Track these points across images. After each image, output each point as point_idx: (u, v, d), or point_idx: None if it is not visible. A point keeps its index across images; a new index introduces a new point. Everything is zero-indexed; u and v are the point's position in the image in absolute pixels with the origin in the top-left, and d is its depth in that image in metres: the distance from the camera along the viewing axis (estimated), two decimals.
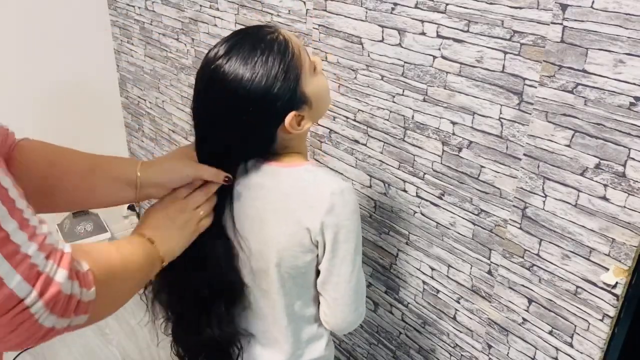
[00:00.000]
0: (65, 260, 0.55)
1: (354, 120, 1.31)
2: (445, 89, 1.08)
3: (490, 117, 1.02)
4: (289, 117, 0.84)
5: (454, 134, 1.09)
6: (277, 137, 0.88)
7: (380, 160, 1.28)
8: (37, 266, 0.52)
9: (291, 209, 0.87)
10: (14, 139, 0.83)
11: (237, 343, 1.01)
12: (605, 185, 0.89)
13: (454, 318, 1.25)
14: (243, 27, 0.90)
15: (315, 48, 1.34)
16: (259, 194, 0.89)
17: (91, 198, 0.88)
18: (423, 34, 1.08)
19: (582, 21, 0.84)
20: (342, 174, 1.40)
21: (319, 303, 0.96)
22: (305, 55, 0.87)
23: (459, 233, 1.16)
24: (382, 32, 1.16)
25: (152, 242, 0.80)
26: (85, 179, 0.85)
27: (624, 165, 0.85)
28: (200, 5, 1.71)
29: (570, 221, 0.95)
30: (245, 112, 0.83)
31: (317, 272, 0.92)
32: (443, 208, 1.17)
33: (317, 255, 0.89)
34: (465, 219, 1.14)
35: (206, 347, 0.99)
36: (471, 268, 1.16)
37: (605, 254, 0.92)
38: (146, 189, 0.87)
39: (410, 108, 1.16)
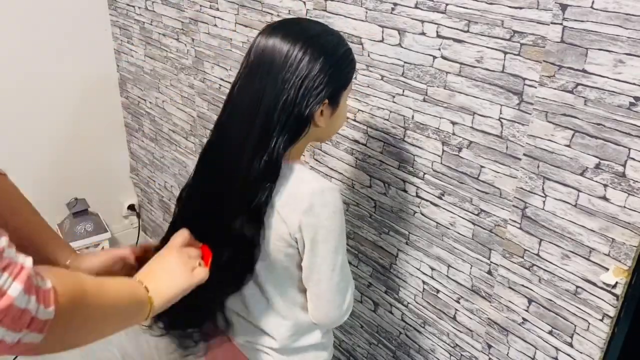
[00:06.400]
0: (23, 274, 0.54)
1: (354, 120, 1.31)
2: (445, 89, 1.08)
3: (490, 117, 1.02)
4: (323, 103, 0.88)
5: (454, 134, 1.09)
6: (310, 126, 0.88)
7: (380, 160, 1.28)
8: None
9: (274, 204, 0.88)
10: None
11: (225, 313, 1.01)
12: (605, 185, 0.89)
13: (454, 318, 1.25)
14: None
15: None
16: None
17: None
18: (423, 34, 1.08)
19: (582, 21, 0.84)
20: (342, 173, 1.40)
21: None
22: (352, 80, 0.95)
23: (459, 233, 1.16)
24: (382, 32, 1.16)
25: (141, 283, 0.79)
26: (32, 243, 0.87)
27: (624, 165, 0.85)
28: (200, 5, 1.71)
29: (570, 221, 0.95)
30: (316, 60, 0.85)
31: (301, 268, 0.94)
32: (443, 208, 1.18)
33: (298, 251, 0.91)
34: (465, 219, 1.14)
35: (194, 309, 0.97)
36: (471, 268, 1.16)
37: (605, 254, 0.92)
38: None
39: (410, 108, 1.16)
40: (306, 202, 0.86)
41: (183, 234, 0.89)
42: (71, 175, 2.41)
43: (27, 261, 0.56)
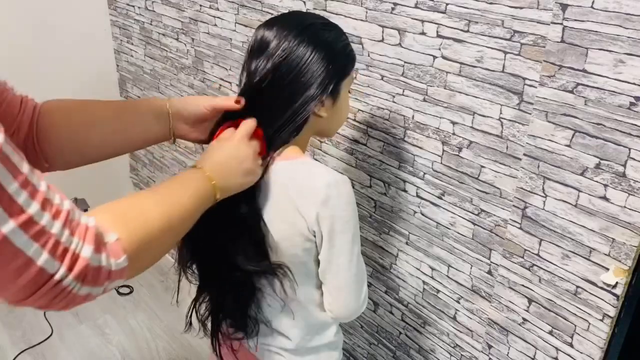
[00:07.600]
0: (89, 235, 0.57)
1: (354, 120, 1.31)
2: (445, 89, 1.08)
3: (490, 117, 1.02)
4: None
5: (454, 134, 1.09)
6: (309, 120, 0.90)
7: (380, 160, 1.28)
8: (63, 243, 0.54)
9: (290, 199, 0.88)
10: (34, 104, 0.88)
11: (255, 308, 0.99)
12: (605, 185, 0.89)
13: (454, 318, 1.25)
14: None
15: None
16: (261, 188, 0.91)
17: (124, 140, 0.92)
18: (423, 34, 1.08)
19: (582, 21, 0.84)
20: (342, 173, 1.39)
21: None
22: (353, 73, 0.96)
23: (459, 233, 1.16)
24: (382, 32, 1.16)
25: (211, 180, 0.78)
26: (114, 123, 0.89)
27: (624, 165, 0.85)
28: (200, 5, 1.71)
29: (570, 221, 0.95)
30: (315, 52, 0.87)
31: (318, 262, 0.94)
32: (443, 208, 1.17)
33: (316, 244, 0.91)
34: (465, 219, 1.14)
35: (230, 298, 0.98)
36: (471, 268, 1.16)
37: (605, 254, 0.92)
38: (176, 122, 0.90)
39: (410, 108, 1.16)
40: (322, 195, 0.86)
41: (251, 125, 0.87)
42: (71, 175, 2.40)
43: (91, 220, 0.58)
